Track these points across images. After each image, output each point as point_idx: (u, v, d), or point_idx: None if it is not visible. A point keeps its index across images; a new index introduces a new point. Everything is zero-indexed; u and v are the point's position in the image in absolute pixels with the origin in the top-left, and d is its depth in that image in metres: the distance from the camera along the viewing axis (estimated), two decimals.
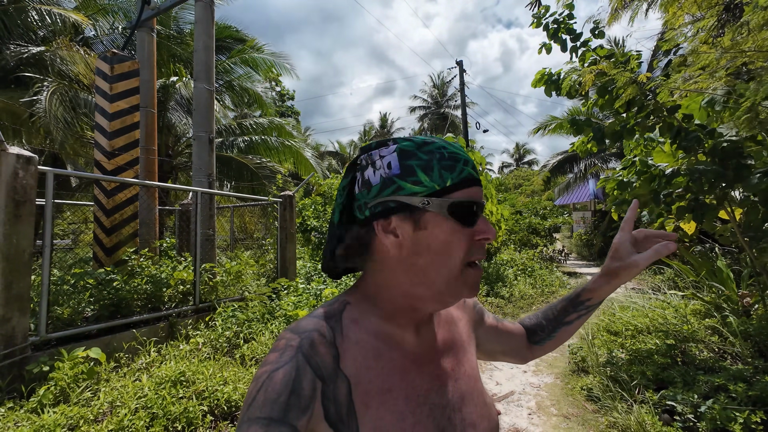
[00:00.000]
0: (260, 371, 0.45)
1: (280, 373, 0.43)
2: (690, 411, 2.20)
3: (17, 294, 2.55)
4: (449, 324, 0.62)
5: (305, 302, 4.14)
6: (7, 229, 2.53)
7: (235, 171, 9.71)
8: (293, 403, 0.41)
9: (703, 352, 2.98)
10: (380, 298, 0.53)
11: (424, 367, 0.53)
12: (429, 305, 0.53)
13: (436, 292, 0.51)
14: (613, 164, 12.54)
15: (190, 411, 2.24)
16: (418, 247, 0.49)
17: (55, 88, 6.73)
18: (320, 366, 0.45)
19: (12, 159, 2.58)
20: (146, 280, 3.68)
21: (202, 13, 4.76)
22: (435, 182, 0.48)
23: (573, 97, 3.32)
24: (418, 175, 0.48)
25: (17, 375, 2.48)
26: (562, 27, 3.42)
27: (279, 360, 0.45)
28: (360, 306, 0.53)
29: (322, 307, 0.54)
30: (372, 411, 0.46)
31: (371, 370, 0.48)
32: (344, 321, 0.51)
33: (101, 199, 4.05)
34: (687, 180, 2.49)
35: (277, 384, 0.42)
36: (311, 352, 0.46)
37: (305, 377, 0.44)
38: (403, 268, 0.50)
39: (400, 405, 0.48)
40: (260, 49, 9.62)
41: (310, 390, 0.43)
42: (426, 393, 0.50)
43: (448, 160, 0.49)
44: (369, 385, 0.47)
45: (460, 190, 0.49)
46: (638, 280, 8.49)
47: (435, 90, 28.46)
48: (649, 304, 4.21)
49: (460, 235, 0.49)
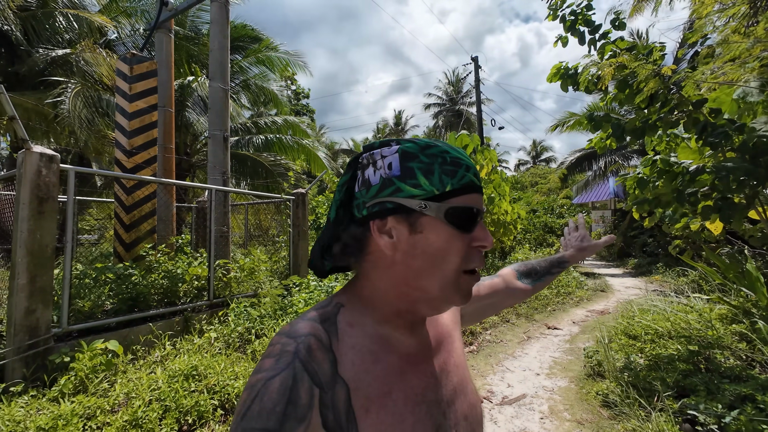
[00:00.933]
0: (254, 378, 0.43)
1: (277, 381, 0.42)
2: (713, 421, 2.09)
3: (41, 287, 2.66)
4: (437, 317, 0.61)
5: (316, 299, 4.16)
6: (31, 225, 2.64)
7: (250, 169, 9.87)
8: (290, 413, 0.40)
9: (729, 360, 2.83)
10: (375, 300, 0.52)
11: (420, 366, 0.52)
12: (422, 309, 0.52)
13: (429, 298, 0.50)
14: (635, 161, 12.09)
15: (201, 405, 2.28)
16: (413, 250, 0.49)
17: (79, 89, 7.00)
18: (318, 372, 0.44)
19: (35, 157, 2.69)
20: (163, 275, 3.78)
21: (217, 13, 4.83)
22: (435, 186, 0.48)
23: (591, 91, 3.20)
24: (418, 178, 0.48)
25: (41, 365, 2.59)
26: (579, 19, 3.30)
27: (275, 367, 0.43)
28: (354, 308, 0.52)
29: (315, 310, 0.52)
30: (372, 415, 0.45)
31: (369, 374, 0.47)
32: (340, 324, 0.50)
33: (121, 196, 4.18)
34: (713, 178, 2.36)
35: (273, 393, 0.41)
36: (308, 358, 0.44)
37: (302, 385, 0.42)
38: (397, 270, 0.50)
39: (399, 407, 0.47)
40: (275, 48, 9.71)
41: (308, 398, 0.42)
42: (422, 392, 0.50)
43: (450, 165, 0.49)
44: (368, 390, 0.46)
45: (460, 196, 0.49)
46: (660, 282, 8.17)
47: (450, 87, 28.14)
48: (671, 307, 4.04)
49: (458, 241, 0.49)
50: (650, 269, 9.87)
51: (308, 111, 25.87)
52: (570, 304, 6.52)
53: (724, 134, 2.34)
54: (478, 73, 13.84)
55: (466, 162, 0.51)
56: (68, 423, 1.97)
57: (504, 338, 4.61)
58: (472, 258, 0.50)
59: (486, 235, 0.51)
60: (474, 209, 0.50)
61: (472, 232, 0.50)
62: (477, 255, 0.51)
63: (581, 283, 7.84)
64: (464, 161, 0.51)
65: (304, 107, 25.48)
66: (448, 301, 0.51)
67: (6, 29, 7.07)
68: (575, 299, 6.78)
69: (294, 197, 5.38)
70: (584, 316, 5.76)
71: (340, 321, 0.51)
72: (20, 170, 2.66)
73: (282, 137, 10.42)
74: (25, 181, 2.65)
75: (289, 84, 23.88)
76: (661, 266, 9.23)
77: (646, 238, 11.34)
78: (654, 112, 2.90)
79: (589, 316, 5.75)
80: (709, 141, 2.38)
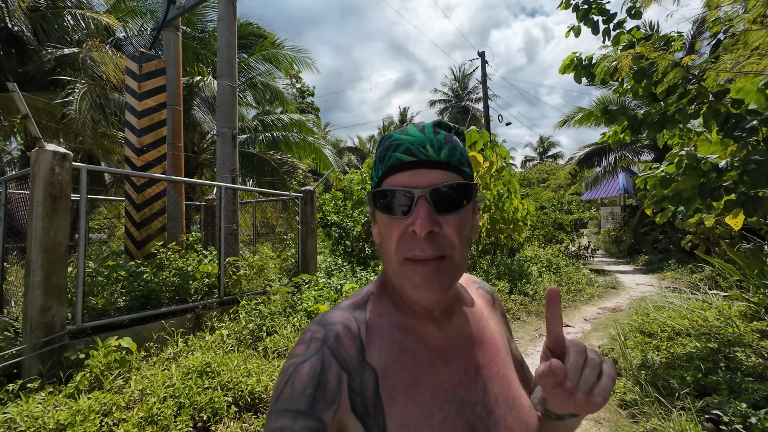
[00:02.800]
0: (287, 363, 0.46)
1: (306, 366, 0.44)
2: (739, 421, 2.04)
3: (55, 284, 2.67)
4: (478, 319, 0.58)
5: (326, 296, 4.15)
6: (45, 223, 2.65)
7: (256, 167, 9.89)
8: (319, 396, 0.42)
9: (751, 358, 2.76)
10: (391, 288, 0.53)
11: (451, 361, 0.51)
12: (405, 297, 0.51)
13: (397, 286, 0.50)
14: (646, 156, 11.88)
15: (216, 401, 2.28)
16: (379, 239, 0.51)
17: (86, 89, 7.05)
18: (345, 359, 0.46)
19: (49, 156, 2.70)
20: (174, 272, 3.79)
21: (224, 11, 4.81)
22: (376, 175, 0.50)
23: (606, 83, 3.13)
24: (373, 169, 0.51)
25: (56, 361, 2.60)
26: (593, 7, 3.22)
27: (305, 353, 0.46)
28: (383, 298, 0.54)
29: (349, 299, 0.54)
30: (399, 405, 0.45)
31: (397, 364, 0.47)
32: (369, 313, 0.52)
33: (132, 194, 4.20)
34: (739, 173, 2.28)
35: (304, 377, 0.43)
36: (336, 345, 0.46)
37: (331, 370, 0.44)
38: (381, 258, 0.52)
39: (427, 400, 0.46)
40: (281, 45, 9.69)
41: (336, 383, 0.43)
42: (453, 388, 0.49)
43: (384, 149, 0.49)
44: (396, 379, 0.46)
45: (386, 178, 0.48)
46: (672, 278, 8.04)
47: (456, 83, 27.92)
48: (688, 304, 3.96)
49: (390, 226, 0.47)
50: (661, 266, 9.72)
51: (313, 109, 25.86)
52: (581, 301, 6.44)
53: (751, 127, 2.26)
54: (485, 69, 13.69)
55: (400, 140, 0.48)
56: (86, 419, 1.98)
57: (515, 336, 4.57)
58: (408, 245, 0.45)
59: (415, 217, 0.44)
60: (395, 191, 0.46)
61: (408, 216, 0.45)
62: (415, 240, 0.45)
63: (592, 280, 7.74)
64: (396, 142, 0.48)
65: (309, 105, 25.48)
66: (404, 292, 0.48)
67: (16, 30, 7.14)
68: (586, 296, 6.69)
69: (302, 195, 5.37)
70: (596, 313, 5.68)
71: (370, 310, 0.52)
72: (33, 168, 2.67)
73: (289, 135, 10.42)
74: (39, 179, 2.66)
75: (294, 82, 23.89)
76: (673, 263, 9.08)
77: (657, 235, 11.16)
78: (672, 103, 2.82)
79: (600, 313, 5.67)
80: (734, 135, 2.30)
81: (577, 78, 3.32)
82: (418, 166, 0.46)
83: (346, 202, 7.95)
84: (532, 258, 7.80)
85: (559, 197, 11.69)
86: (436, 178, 0.46)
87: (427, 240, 0.45)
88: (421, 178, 0.45)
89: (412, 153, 0.46)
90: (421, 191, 0.45)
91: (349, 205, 7.69)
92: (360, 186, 7.32)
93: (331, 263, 6.27)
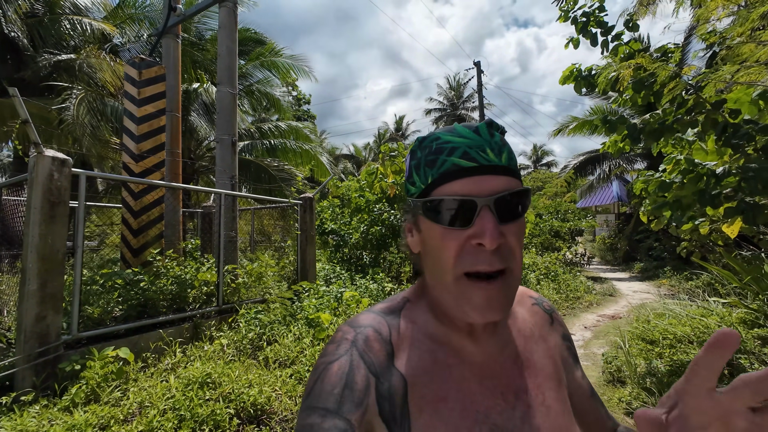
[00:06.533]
0: (319, 361, 0.46)
1: (335, 365, 0.44)
2: None
3: (51, 293, 2.60)
4: (526, 339, 0.53)
5: (326, 305, 4.10)
6: (42, 230, 2.59)
7: (253, 174, 9.85)
8: (347, 397, 0.42)
9: (754, 365, 2.77)
10: (430, 299, 0.51)
11: (486, 380, 0.48)
12: (455, 313, 0.46)
13: (445, 301, 0.46)
14: (639, 165, 12.08)
15: (217, 414, 2.22)
16: (423, 250, 0.49)
17: (83, 95, 7.00)
18: (374, 362, 0.45)
19: (48, 161, 2.65)
20: (171, 281, 3.72)
21: (225, 18, 4.83)
22: (422, 181, 0.46)
23: (607, 93, 3.19)
24: (413, 176, 0.48)
25: (51, 373, 2.52)
26: (592, 20, 3.29)
27: (335, 352, 0.46)
28: (419, 305, 0.52)
29: (385, 303, 0.53)
30: (425, 417, 0.44)
31: (427, 374, 0.46)
32: (402, 319, 0.50)
33: (129, 201, 4.13)
34: (738, 180, 2.33)
35: (332, 376, 0.43)
36: (365, 348, 0.46)
37: (358, 372, 0.44)
38: (426, 268, 0.50)
39: (455, 417, 0.44)
40: (279, 53, 9.75)
41: (364, 385, 0.43)
42: (486, 411, 0.45)
43: (433, 153, 0.45)
44: (424, 390, 0.45)
45: (441, 186, 0.44)
46: (669, 286, 8.11)
47: (451, 92, 28.29)
48: (687, 311, 3.98)
49: (447, 238, 0.43)
50: (657, 273, 9.81)
51: (309, 117, 25.95)
52: (580, 308, 6.46)
53: (748, 135, 2.31)
54: (481, 78, 13.91)
55: (454, 143, 0.44)
56: None
57: None
58: (470, 258, 0.42)
59: (483, 229, 0.41)
60: (456, 199, 0.42)
61: (469, 227, 0.42)
62: (479, 254, 0.42)
63: (589, 287, 7.77)
64: (449, 144, 0.44)
65: (305, 113, 25.56)
66: (460, 310, 0.44)
67: (13, 35, 7.08)
68: (585, 304, 6.71)
69: (302, 202, 5.34)
70: (595, 320, 5.69)
71: (404, 316, 0.51)
72: (32, 174, 2.62)
73: (286, 142, 10.42)
74: (37, 185, 2.60)
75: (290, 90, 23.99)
76: (668, 270, 9.17)
77: (651, 242, 11.29)
78: (670, 113, 2.88)
79: (600, 320, 5.68)
80: (732, 143, 2.35)
81: (577, 88, 3.37)
82: (478, 172, 0.43)
83: (343, 210, 7.93)
84: (530, 266, 7.83)
85: (555, 205, 11.80)
86: (498, 184, 0.43)
87: (493, 253, 0.42)
88: (483, 186, 0.42)
89: (471, 158, 0.43)
90: (485, 200, 0.42)
91: (347, 212, 7.67)
92: (358, 193, 7.32)
93: (329, 271, 6.22)
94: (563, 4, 3.41)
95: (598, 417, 0.58)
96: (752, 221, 2.50)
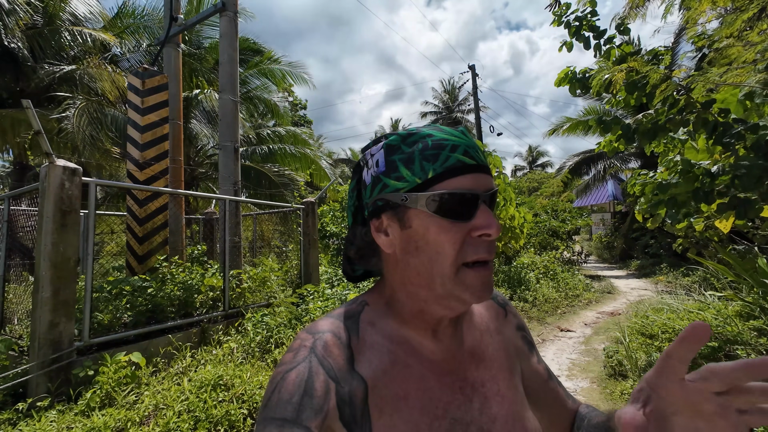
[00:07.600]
0: (275, 372, 0.45)
1: (293, 374, 0.43)
2: None
3: (64, 300, 2.64)
4: (482, 333, 0.56)
5: (332, 307, 4.16)
6: (54, 238, 2.64)
7: (253, 180, 9.90)
8: (306, 404, 0.41)
9: (751, 355, 2.85)
10: (393, 300, 0.51)
11: (445, 376, 0.49)
12: (435, 308, 0.48)
13: (436, 296, 0.47)
14: (633, 164, 12.26)
15: (232, 414, 2.27)
16: (408, 246, 0.47)
17: (83, 106, 7.04)
18: (333, 367, 0.45)
19: (59, 171, 2.70)
20: (178, 286, 3.76)
21: (226, 27, 4.92)
22: (416, 176, 0.45)
23: (601, 95, 3.29)
24: (400, 170, 0.46)
25: (65, 379, 2.56)
26: (584, 24, 3.40)
27: (293, 361, 0.45)
28: (377, 308, 0.52)
29: (342, 307, 0.53)
30: (386, 417, 0.44)
31: (387, 375, 0.46)
32: (361, 323, 0.50)
33: (134, 208, 4.18)
34: (731, 177, 2.42)
35: (290, 385, 0.42)
36: (324, 354, 0.46)
37: (317, 378, 0.43)
38: (400, 268, 0.48)
39: (415, 415, 0.45)
40: (277, 60, 9.85)
41: (324, 391, 0.43)
42: (446, 405, 0.47)
43: (432, 149, 0.45)
44: (384, 390, 0.46)
45: (445, 180, 0.44)
46: (665, 282, 8.22)
47: (446, 95, 28.52)
48: (684, 306, 4.08)
49: (450, 231, 0.44)
50: (653, 270, 9.93)
51: (306, 122, 26.06)
52: (579, 306, 6.54)
53: (738, 134, 2.42)
54: (476, 81, 14.07)
55: (453, 141, 0.46)
56: None
57: None
58: (472, 248, 0.45)
59: (488, 221, 0.44)
60: (464, 194, 0.44)
61: (471, 220, 0.44)
62: (480, 245, 0.45)
63: (588, 285, 7.87)
64: (450, 141, 0.46)
65: (301, 118, 25.67)
66: (457, 299, 0.46)
67: (13, 47, 7.13)
68: (584, 301, 6.80)
69: (304, 206, 5.41)
70: (595, 317, 5.77)
71: (362, 319, 0.51)
72: (44, 184, 2.68)
73: (285, 147, 10.49)
74: (49, 195, 2.66)
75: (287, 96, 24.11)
76: (665, 266, 9.29)
77: (647, 240, 11.43)
78: (662, 113, 2.99)
79: (599, 317, 5.76)
80: (723, 141, 2.45)
81: (572, 90, 3.47)
82: (477, 170, 0.46)
83: (344, 213, 8.00)
84: (529, 265, 7.92)
85: (552, 204, 11.94)
86: (489, 182, 0.47)
87: (490, 242, 0.46)
88: (480, 182, 0.46)
89: (471, 156, 0.46)
90: (484, 195, 0.45)
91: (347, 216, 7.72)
92: None
93: (331, 274, 6.27)
94: (557, 9, 3.52)
95: (557, 397, 0.61)
96: (744, 216, 2.60)
